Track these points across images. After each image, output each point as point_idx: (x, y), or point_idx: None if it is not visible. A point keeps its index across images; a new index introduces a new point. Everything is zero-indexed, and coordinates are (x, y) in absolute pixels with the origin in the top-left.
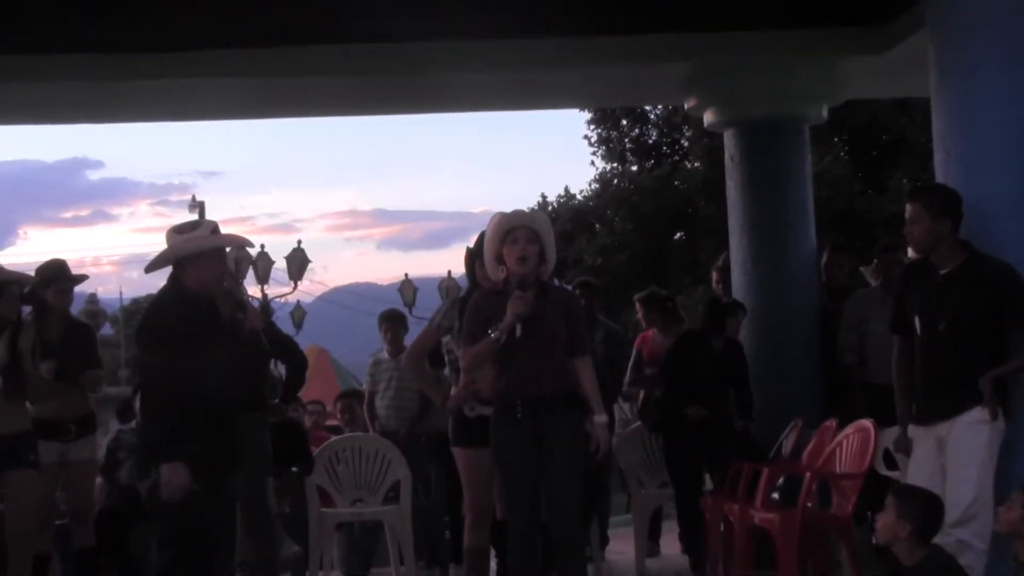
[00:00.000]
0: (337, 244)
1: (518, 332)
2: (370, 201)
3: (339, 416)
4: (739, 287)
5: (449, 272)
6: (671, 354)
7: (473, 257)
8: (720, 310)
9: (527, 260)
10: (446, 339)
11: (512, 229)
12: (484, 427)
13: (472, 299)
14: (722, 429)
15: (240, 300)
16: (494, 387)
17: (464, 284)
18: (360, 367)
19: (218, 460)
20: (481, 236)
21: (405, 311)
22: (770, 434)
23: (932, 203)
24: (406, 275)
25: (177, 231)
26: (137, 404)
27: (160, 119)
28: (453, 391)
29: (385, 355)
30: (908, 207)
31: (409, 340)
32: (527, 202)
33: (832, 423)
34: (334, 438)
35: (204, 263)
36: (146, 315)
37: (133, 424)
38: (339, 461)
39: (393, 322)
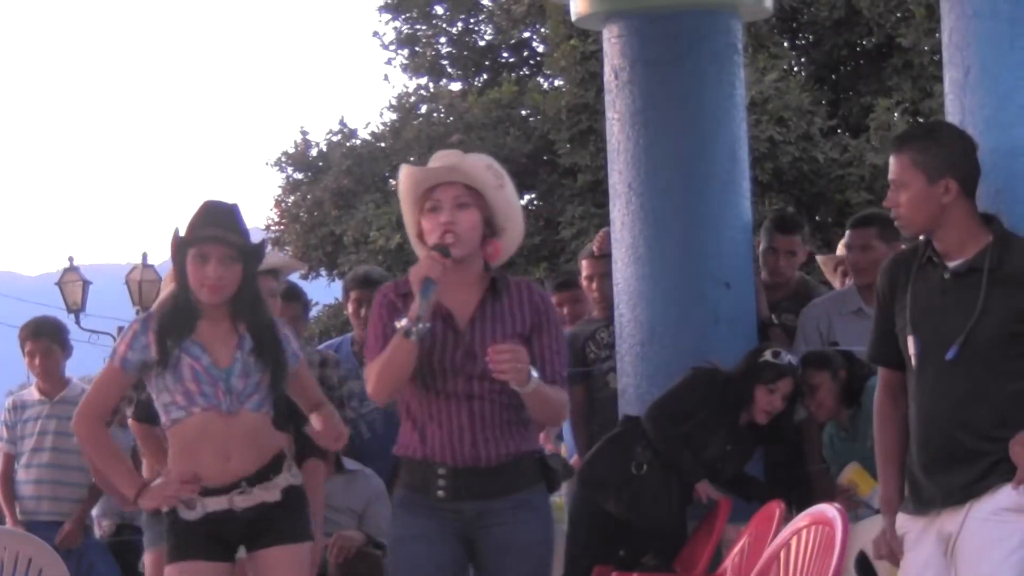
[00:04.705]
0: None
1: (424, 324)
2: None
3: None
4: (625, 288)
5: (144, 257)
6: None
7: (183, 249)
8: (764, 370)
9: (461, 239)
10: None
11: (432, 189)
12: (214, 531)
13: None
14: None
15: None
16: (403, 444)
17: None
18: None
19: None
20: (204, 211)
21: (68, 320)
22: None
23: (930, 154)
24: (71, 260)
25: None
26: None
27: None
28: (158, 480)
29: (34, 393)
30: (892, 160)
31: (78, 370)
32: (279, 144)
33: (775, 508)
34: None
35: None
36: None
37: None
38: None
39: (43, 339)
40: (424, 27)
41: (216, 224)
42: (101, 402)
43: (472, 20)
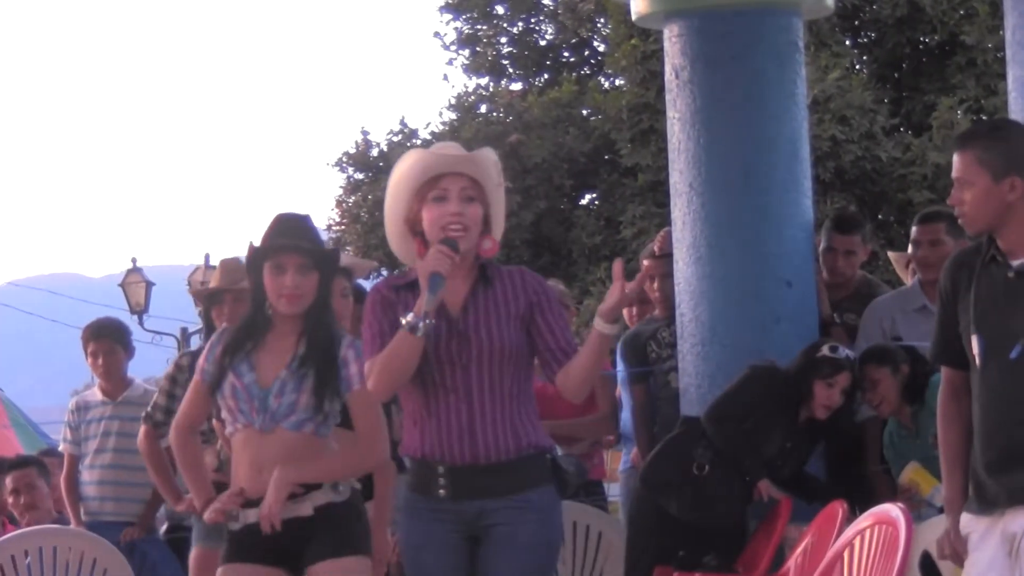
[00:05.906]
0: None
1: (429, 320)
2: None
3: (9, 498)
4: (686, 288)
5: (207, 258)
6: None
7: (259, 261)
8: (823, 365)
9: (469, 232)
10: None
11: (438, 177)
12: (260, 540)
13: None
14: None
15: None
16: (405, 444)
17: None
18: (52, 413)
19: None
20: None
21: (131, 322)
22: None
23: (995, 152)
24: (134, 261)
25: None
26: None
27: None
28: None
29: (96, 394)
30: (956, 158)
31: (141, 371)
32: (339, 144)
33: (837, 508)
34: (10, 534)
35: None
36: None
37: None
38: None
39: (106, 340)
40: (485, 27)
41: (290, 234)
42: (189, 413)
43: (533, 20)
